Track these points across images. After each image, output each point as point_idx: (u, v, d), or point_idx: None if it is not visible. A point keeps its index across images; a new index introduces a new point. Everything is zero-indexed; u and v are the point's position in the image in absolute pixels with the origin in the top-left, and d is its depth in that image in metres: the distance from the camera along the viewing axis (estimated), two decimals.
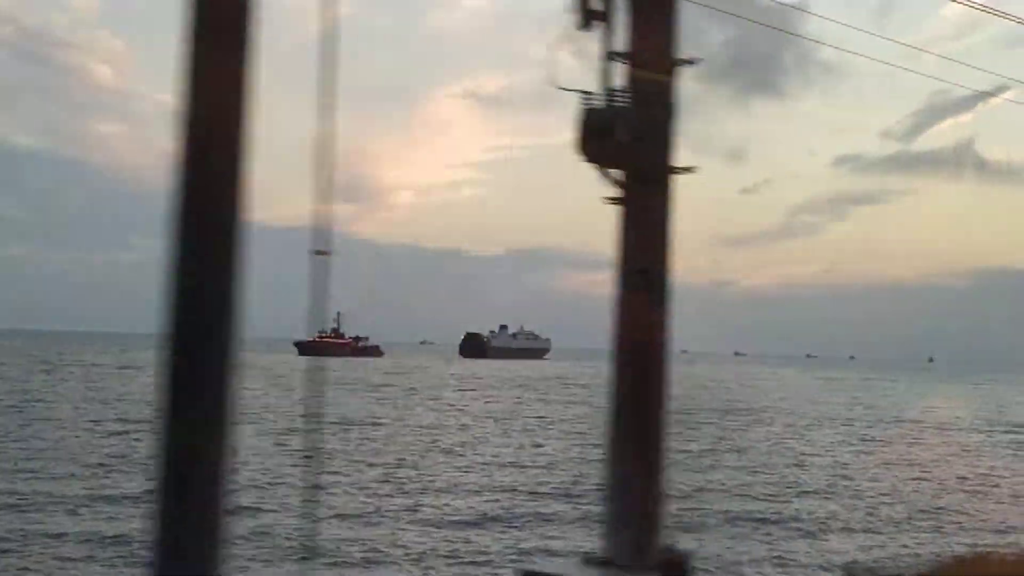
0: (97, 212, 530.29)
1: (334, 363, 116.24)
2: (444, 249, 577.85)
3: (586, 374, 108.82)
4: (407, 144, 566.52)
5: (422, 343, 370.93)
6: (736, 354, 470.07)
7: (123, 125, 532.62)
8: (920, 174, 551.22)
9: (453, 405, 49.93)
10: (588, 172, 5.73)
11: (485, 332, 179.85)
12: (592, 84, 5.71)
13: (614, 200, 5.93)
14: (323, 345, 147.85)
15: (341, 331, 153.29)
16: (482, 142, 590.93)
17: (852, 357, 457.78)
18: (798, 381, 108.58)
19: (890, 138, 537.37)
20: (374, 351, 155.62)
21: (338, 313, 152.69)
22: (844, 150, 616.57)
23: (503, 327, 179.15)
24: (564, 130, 5.79)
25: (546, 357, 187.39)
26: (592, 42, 5.74)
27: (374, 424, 38.09)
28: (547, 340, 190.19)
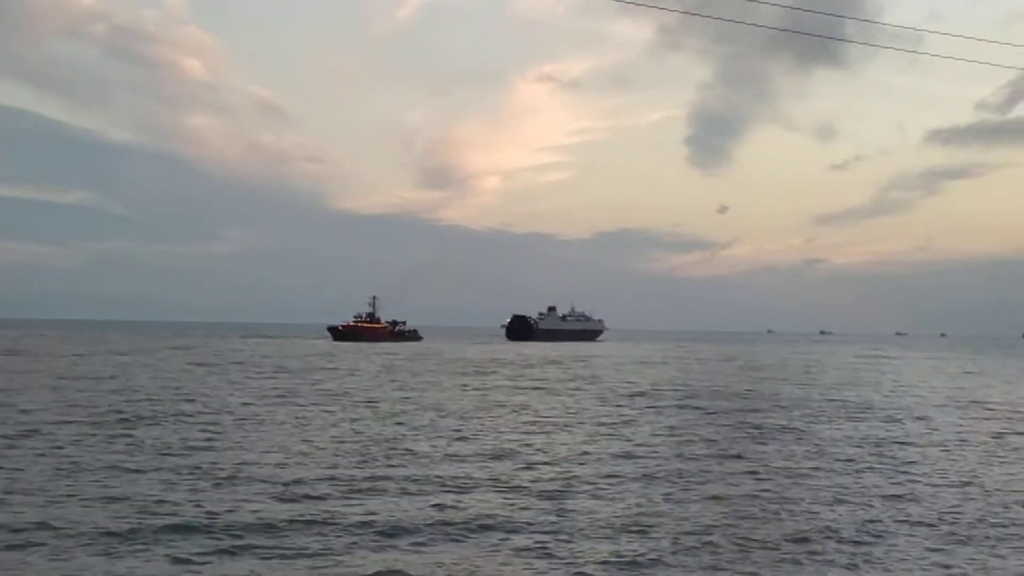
0: (190, 204, 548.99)
1: (347, 347, 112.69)
2: (531, 233, 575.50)
3: (607, 354, 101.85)
4: (493, 129, 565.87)
5: (503, 327, 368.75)
6: (821, 333, 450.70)
7: (215, 118, 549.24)
8: (1017, 146, 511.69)
9: (348, 392, 44.38)
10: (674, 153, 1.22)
11: (535, 315, 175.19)
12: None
13: None
14: (357, 330, 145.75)
15: (376, 316, 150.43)
16: (566, 125, 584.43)
17: (943, 335, 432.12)
18: (830, 361, 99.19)
19: (984, 110, 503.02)
20: (412, 335, 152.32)
21: (373, 298, 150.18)
22: (935, 123, 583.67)
23: (551, 308, 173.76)
24: (647, 112, 1.15)
25: (600, 338, 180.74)
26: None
27: (208, 413, 32.69)
28: (600, 321, 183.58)
